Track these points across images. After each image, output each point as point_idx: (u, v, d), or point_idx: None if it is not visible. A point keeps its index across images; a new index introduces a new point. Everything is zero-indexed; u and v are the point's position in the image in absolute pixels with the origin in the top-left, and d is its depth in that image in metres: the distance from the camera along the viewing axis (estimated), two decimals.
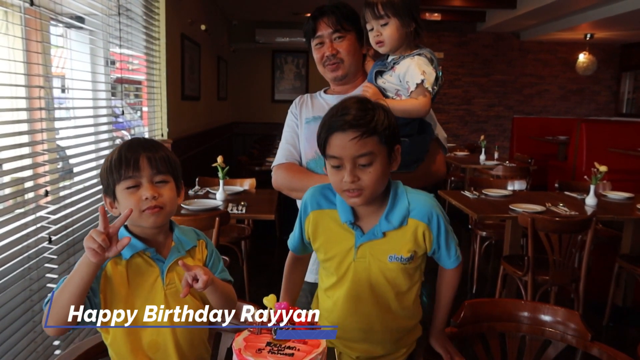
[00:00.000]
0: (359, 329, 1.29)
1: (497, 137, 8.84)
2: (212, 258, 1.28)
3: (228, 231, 3.68)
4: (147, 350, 1.15)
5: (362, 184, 1.16)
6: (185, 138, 4.59)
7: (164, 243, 1.21)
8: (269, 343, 0.85)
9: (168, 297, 1.16)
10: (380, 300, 1.27)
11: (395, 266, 1.24)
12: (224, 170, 3.25)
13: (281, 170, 1.67)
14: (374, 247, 1.24)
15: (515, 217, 2.96)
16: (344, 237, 1.26)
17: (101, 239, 0.98)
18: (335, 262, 1.28)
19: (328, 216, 1.28)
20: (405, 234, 1.24)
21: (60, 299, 1.02)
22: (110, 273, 1.13)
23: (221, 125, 6.86)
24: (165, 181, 1.16)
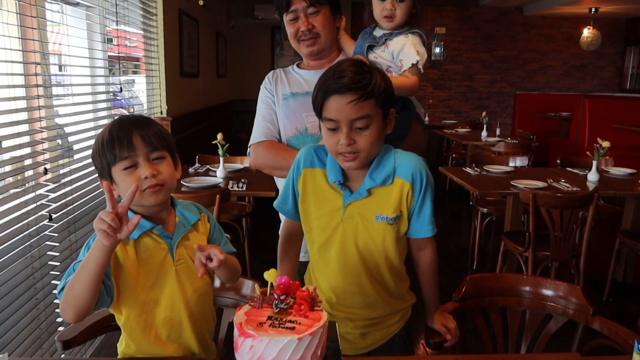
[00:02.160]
0: (352, 292, 1.30)
1: (499, 113, 8.77)
2: (215, 231, 1.29)
3: (229, 209, 3.68)
4: (161, 326, 1.16)
5: (358, 147, 1.16)
6: (184, 116, 4.55)
7: (168, 219, 1.20)
8: (270, 317, 0.84)
9: (179, 273, 1.17)
10: (368, 260, 1.27)
11: (381, 226, 1.24)
12: (224, 148, 3.23)
13: (261, 149, 1.63)
14: (360, 207, 1.25)
15: (516, 193, 2.95)
16: (333, 197, 1.27)
17: (110, 218, 0.96)
18: (323, 221, 1.28)
19: (318, 175, 1.29)
20: (391, 193, 1.24)
21: (77, 286, 1.01)
22: (119, 255, 1.12)
23: (221, 102, 6.81)
24: (161, 157, 1.14)
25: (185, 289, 1.18)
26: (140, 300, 1.14)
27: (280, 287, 0.85)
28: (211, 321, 1.28)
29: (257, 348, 0.79)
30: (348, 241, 1.26)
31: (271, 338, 0.78)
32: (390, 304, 1.35)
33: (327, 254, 1.30)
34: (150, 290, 1.15)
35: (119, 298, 1.13)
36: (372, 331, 1.34)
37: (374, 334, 1.35)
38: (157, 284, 1.16)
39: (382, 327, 1.35)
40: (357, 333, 1.33)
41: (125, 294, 1.13)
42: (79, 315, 1.03)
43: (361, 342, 1.34)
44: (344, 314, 1.32)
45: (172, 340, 1.18)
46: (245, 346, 0.81)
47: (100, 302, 1.07)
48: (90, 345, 2.30)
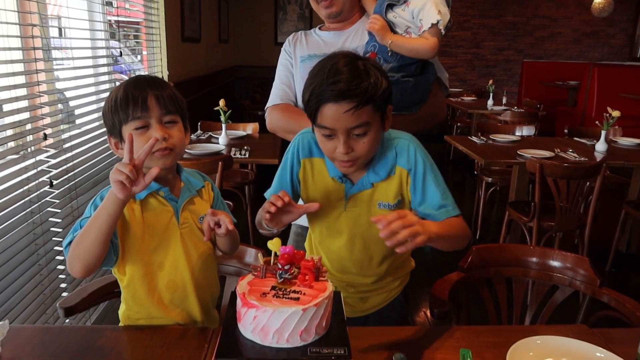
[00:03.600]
0: (356, 273, 1.29)
1: (506, 82, 8.64)
2: (218, 200, 1.28)
3: (232, 176, 3.66)
4: (164, 290, 1.15)
5: (357, 154, 1.11)
6: (186, 81, 4.48)
7: (174, 183, 1.19)
8: (274, 287, 0.82)
9: (184, 237, 1.16)
10: (373, 245, 1.26)
11: (384, 212, 1.21)
12: (226, 114, 3.18)
13: (276, 112, 1.60)
14: (363, 197, 1.22)
15: (523, 162, 2.91)
16: (334, 188, 1.23)
17: (128, 169, 0.94)
18: (325, 212, 1.25)
19: (318, 165, 1.25)
20: (392, 182, 1.21)
21: (88, 239, 1.00)
22: (126, 213, 1.11)
23: (223, 68, 6.71)
24: (174, 121, 1.12)
25: (190, 253, 1.17)
26: (144, 261, 1.14)
27: (284, 256, 0.83)
28: (215, 289, 1.27)
29: (260, 319, 0.77)
30: (352, 228, 1.25)
31: (275, 309, 0.76)
32: (392, 274, 1.34)
33: (330, 240, 1.29)
34: (155, 252, 1.14)
35: (124, 257, 1.12)
36: (372, 296, 1.34)
37: (374, 299, 1.35)
38: (161, 246, 1.14)
39: (381, 292, 1.35)
40: (357, 297, 1.33)
41: (130, 254, 1.12)
42: (87, 269, 1.02)
43: (361, 305, 1.35)
44: (345, 283, 1.32)
45: (175, 304, 1.17)
46: (249, 317, 0.79)
47: (107, 259, 1.06)
48: (93, 311, 2.32)
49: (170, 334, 1.06)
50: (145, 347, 1.02)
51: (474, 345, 1.02)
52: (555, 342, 1.02)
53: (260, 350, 0.77)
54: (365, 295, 1.33)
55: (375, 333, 1.07)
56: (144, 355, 0.99)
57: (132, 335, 1.06)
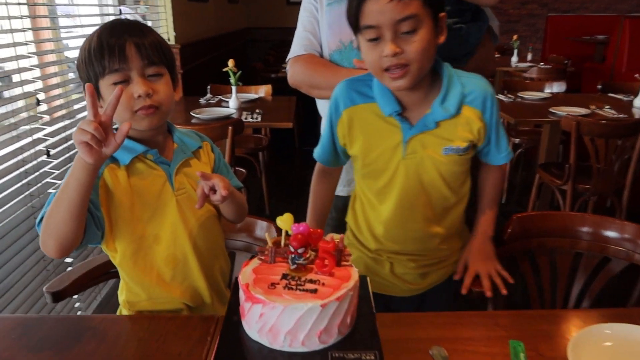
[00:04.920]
0: (412, 238, 1.16)
1: (529, 38, 8.21)
2: (220, 162, 1.14)
3: (244, 142, 3.50)
4: (163, 266, 1.01)
5: (408, 57, 0.95)
6: (194, 43, 4.27)
7: (165, 145, 1.05)
8: (285, 275, 0.66)
9: (180, 204, 1.02)
10: (434, 200, 1.12)
11: (450, 159, 1.08)
12: (236, 75, 2.98)
13: (299, 64, 1.41)
14: (425, 140, 1.06)
15: (556, 120, 2.68)
16: (388, 132, 1.07)
17: (93, 127, 0.78)
18: (380, 163, 1.10)
19: (366, 111, 1.09)
20: (459, 123, 1.06)
21: (57, 213, 0.85)
22: (109, 182, 0.96)
23: (234, 30, 6.44)
24: (159, 74, 0.97)
25: (189, 222, 1.03)
26: (136, 234, 1.00)
27: (297, 237, 0.66)
28: (223, 262, 1.14)
29: (268, 317, 0.61)
30: (411, 180, 1.09)
31: (286, 305, 0.60)
32: (452, 243, 1.21)
33: (386, 198, 1.13)
34: (149, 224, 1.00)
35: (112, 232, 0.99)
36: (433, 271, 1.21)
37: (435, 274, 1.22)
38: (155, 217, 1.00)
39: (442, 267, 1.22)
40: (417, 274, 1.20)
41: (119, 228, 0.98)
42: (62, 248, 0.88)
43: (420, 282, 1.22)
44: (406, 255, 1.18)
45: (179, 281, 1.04)
46: (254, 314, 0.63)
47: (89, 235, 0.92)
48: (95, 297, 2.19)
49: (168, 323, 0.91)
50: (138, 340, 0.87)
51: (525, 336, 0.86)
52: (631, 333, 0.84)
53: (269, 355, 0.61)
54: (427, 270, 1.21)
55: (409, 321, 0.91)
56: (136, 348, 0.85)
57: (124, 325, 0.92)
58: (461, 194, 1.16)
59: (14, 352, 0.85)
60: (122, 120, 0.95)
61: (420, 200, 1.11)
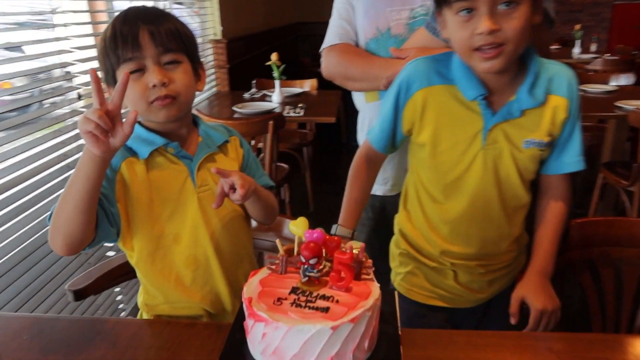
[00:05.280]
0: (483, 240, 1.04)
1: (594, 28, 7.72)
2: (249, 158, 1.06)
3: (289, 137, 3.44)
4: (183, 267, 0.95)
5: (505, 35, 0.84)
6: (241, 38, 4.25)
7: (189, 138, 0.98)
8: (295, 289, 0.57)
9: (202, 202, 0.95)
10: (507, 196, 1.01)
11: (529, 154, 0.97)
12: (279, 69, 2.93)
13: (334, 54, 1.32)
14: (508, 130, 0.96)
15: (623, 115, 2.46)
16: (468, 119, 0.96)
17: (97, 115, 0.73)
18: (454, 153, 0.99)
19: (444, 94, 0.97)
20: (544, 113, 0.95)
21: (65, 209, 0.80)
22: (126, 176, 0.91)
23: (283, 25, 6.41)
24: (176, 62, 0.91)
25: (211, 222, 0.97)
26: (154, 233, 0.94)
27: (309, 246, 0.57)
28: (248, 266, 1.06)
29: (271, 337, 0.53)
30: (488, 173, 0.99)
31: (291, 325, 0.51)
32: (518, 244, 1.09)
33: (456, 193, 1.02)
34: (168, 222, 0.94)
35: (130, 230, 0.93)
36: (500, 277, 1.10)
37: (502, 280, 1.11)
38: (176, 215, 0.94)
39: (508, 272, 1.11)
40: (485, 281, 1.09)
41: (137, 225, 0.93)
42: (70, 246, 0.83)
43: (487, 289, 1.11)
44: (473, 261, 1.07)
45: (199, 285, 0.97)
46: (256, 333, 0.55)
47: (102, 233, 0.87)
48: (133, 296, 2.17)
49: (182, 331, 0.85)
50: (148, 348, 0.81)
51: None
52: None
53: None
54: (494, 277, 1.09)
55: (445, 340, 0.80)
56: (144, 357, 0.79)
57: (137, 330, 0.87)
58: (529, 195, 1.05)
59: (23, 354, 0.81)
60: (138, 111, 0.90)
61: (493, 197, 1.00)
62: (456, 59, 0.95)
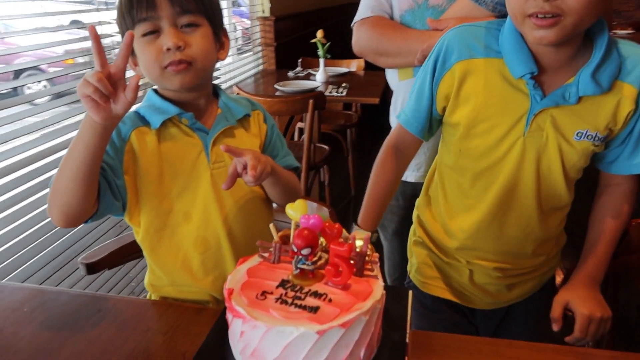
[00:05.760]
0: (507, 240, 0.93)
1: None
2: (273, 136, 0.98)
3: (332, 118, 3.35)
4: (192, 249, 0.89)
5: (566, 6, 0.71)
6: (291, 17, 4.16)
7: (207, 109, 0.91)
8: (284, 283, 0.49)
9: (215, 179, 0.88)
10: (545, 196, 0.88)
11: (581, 148, 0.84)
12: (324, 47, 2.84)
13: (365, 27, 1.21)
14: (558, 117, 0.82)
15: None
16: (512, 99, 0.83)
17: (97, 78, 0.66)
18: (491, 137, 0.86)
19: (487, 68, 0.84)
20: (606, 103, 0.81)
21: (62, 179, 0.75)
22: (136, 147, 0.85)
23: (335, 5, 6.28)
24: (194, 24, 0.83)
25: (224, 202, 0.89)
26: (163, 209, 0.87)
27: (302, 233, 0.49)
28: None
29: (249, 337, 0.45)
30: (527, 165, 0.86)
31: (270, 326, 0.43)
32: (548, 247, 0.96)
33: (486, 183, 0.90)
34: (178, 199, 0.87)
35: (138, 204, 0.87)
36: (522, 281, 0.98)
37: (523, 286, 0.99)
38: (186, 191, 0.88)
39: (533, 277, 0.99)
40: (503, 285, 0.97)
41: (145, 199, 0.87)
42: (67, 218, 0.78)
43: (505, 295, 0.99)
44: (491, 262, 0.95)
45: (207, 269, 0.90)
46: (235, 330, 0.47)
47: (105, 206, 0.81)
48: None
49: (182, 315, 0.79)
50: (145, 331, 0.76)
51: None
52: None
53: None
54: (515, 282, 0.98)
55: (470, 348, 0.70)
56: (139, 340, 0.74)
57: (137, 310, 0.81)
58: (572, 196, 0.92)
59: (20, 327, 0.78)
60: (152, 77, 0.84)
61: (529, 193, 0.87)
62: (508, 29, 0.82)
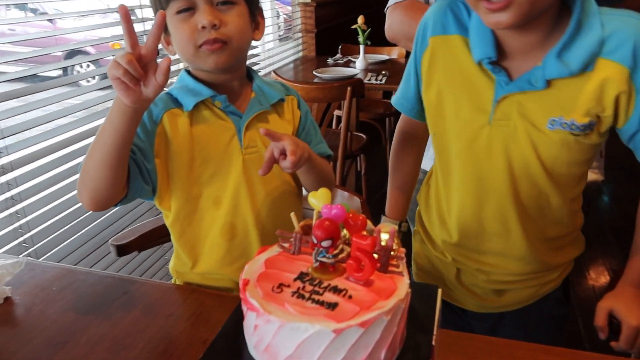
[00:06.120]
0: (491, 233, 0.85)
1: None
2: (307, 122, 0.95)
3: (371, 106, 3.30)
4: (219, 235, 0.87)
5: None
6: (332, 3, 4.10)
7: (241, 93, 0.89)
8: (302, 276, 0.47)
9: (247, 165, 0.86)
10: (525, 189, 0.80)
11: (556, 138, 0.75)
12: (365, 34, 2.78)
13: (398, 11, 1.16)
14: (525, 104, 0.75)
15: None
16: (479, 83, 0.78)
17: (127, 60, 0.64)
18: (458, 124, 0.82)
19: (458, 46, 0.80)
20: (587, 85, 0.71)
21: (91, 162, 0.74)
22: (168, 129, 0.83)
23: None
24: (230, 2, 0.81)
25: (255, 189, 0.88)
26: (194, 194, 0.86)
27: (322, 224, 0.46)
28: None
29: (263, 332, 0.43)
30: (495, 157, 0.80)
31: (284, 321, 0.41)
32: (547, 258, 0.87)
33: (460, 172, 0.85)
34: (209, 184, 0.86)
35: (169, 188, 0.86)
36: (512, 289, 0.90)
37: (515, 293, 0.90)
38: (217, 176, 0.86)
39: (528, 286, 0.89)
40: (490, 289, 0.90)
41: (175, 184, 0.86)
42: (96, 202, 0.77)
43: (494, 299, 0.91)
44: (474, 262, 0.89)
45: (233, 257, 0.89)
46: (249, 323, 0.45)
47: (135, 190, 0.80)
48: None
49: (205, 301, 0.78)
50: (168, 316, 0.75)
51: None
52: None
53: None
54: (502, 288, 0.90)
55: (502, 350, 0.66)
56: (161, 326, 0.73)
57: (161, 295, 0.81)
58: (569, 193, 0.83)
59: (48, 306, 0.79)
60: (186, 57, 0.83)
61: (503, 187, 0.81)
62: None
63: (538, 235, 0.84)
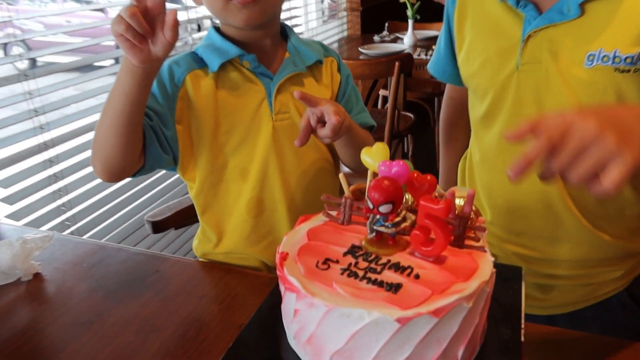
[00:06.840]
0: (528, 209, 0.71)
1: None
2: (348, 88, 0.84)
3: (420, 85, 3.15)
4: (245, 211, 0.78)
5: None
6: None
7: (274, 53, 0.79)
8: (354, 250, 0.37)
9: (278, 133, 0.76)
10: None
11: (600, 77, 0.60)
12: (414, 8, 2.63)
13: None
14: (557, 39, 0.63)
15: None
16: (506, 25, 0.68)
17: (129, 13, 0.55)
18: (487, 74, 0.71)
19: None
20: (633, 6, 0.58)
21: (101, 129, 0.67)
22: (191, 93, 0.74)
23: None
24: None
25: (286, 161, 0.78)
26: (217, 164, 0.77)
27: (381, 185, 0.36)
28: None
29: (304, 318, 0.33)
30: (526, 108, 0.67)
31: (333, 306, 0.31)
32: (609, 247, 0.70)
33: (489, 131, 0.74)
34: (235, 153, 0.77)
35: (193, 157, 0.77)
36: (561, 285, 0.75)
37: (564, 291, 0.76)
38: (245, 145, 0.77)
39: (583, 284, 0.74)
40: (531, 283, 0.76)
41: (199, 152, 0.77)
42: (109, 172, 0.69)
43: (540, 299, 0.77)
44: (512, 244, 0.75)
45: (260, 234, 0.79)
46: (288, 306, 0.36)
47: (153, 159, 0.72)
48: None
49: (241, 283, 0.70)
50: (201, 297, 0.68)
51: None
52: None
53: None
54: (547, 283, 0.75)
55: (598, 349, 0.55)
56: (194, 308, 0.66)
57: (194, 274, 0.74)
58: None
59: (77, 283, 0.73)
60: (214, 11, 0.72)
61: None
62: None
63: (595, 217, 0.69)
